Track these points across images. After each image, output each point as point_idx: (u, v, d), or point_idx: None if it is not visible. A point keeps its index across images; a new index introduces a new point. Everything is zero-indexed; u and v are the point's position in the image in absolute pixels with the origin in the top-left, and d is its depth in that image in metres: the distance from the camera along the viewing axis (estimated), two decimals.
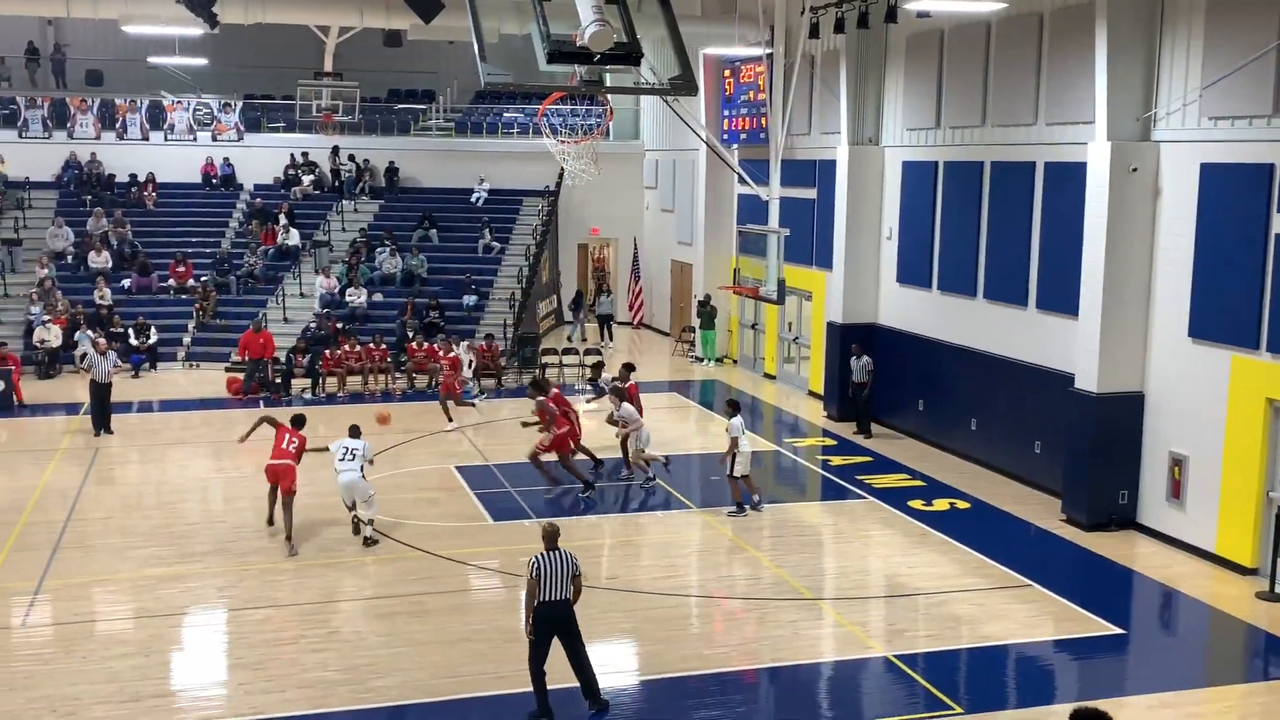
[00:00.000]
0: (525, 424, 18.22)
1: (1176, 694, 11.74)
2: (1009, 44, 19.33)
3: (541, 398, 18.27)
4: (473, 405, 23.83)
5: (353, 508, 15.92)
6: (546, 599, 10.66)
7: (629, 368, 20.47)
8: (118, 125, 33.57)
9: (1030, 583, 14.66)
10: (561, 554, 10.81)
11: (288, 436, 16.04)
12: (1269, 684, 12.26)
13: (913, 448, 21.56)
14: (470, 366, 25.08)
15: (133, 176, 33.08)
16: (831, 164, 24.13)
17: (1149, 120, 16.35)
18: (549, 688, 10.89)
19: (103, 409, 21.94)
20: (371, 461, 16.26)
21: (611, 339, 32.85)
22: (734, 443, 17.12)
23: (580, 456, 18.73)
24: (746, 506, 17.38)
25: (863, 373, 22.27)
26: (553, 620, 10.73)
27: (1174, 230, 16.04)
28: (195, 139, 34.02)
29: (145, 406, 24.58)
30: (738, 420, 17.22)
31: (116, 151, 33.45)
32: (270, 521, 16.28)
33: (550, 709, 10.86)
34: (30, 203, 32.10)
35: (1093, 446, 16.74)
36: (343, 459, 15.79)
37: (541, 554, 10.79)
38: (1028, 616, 13.67)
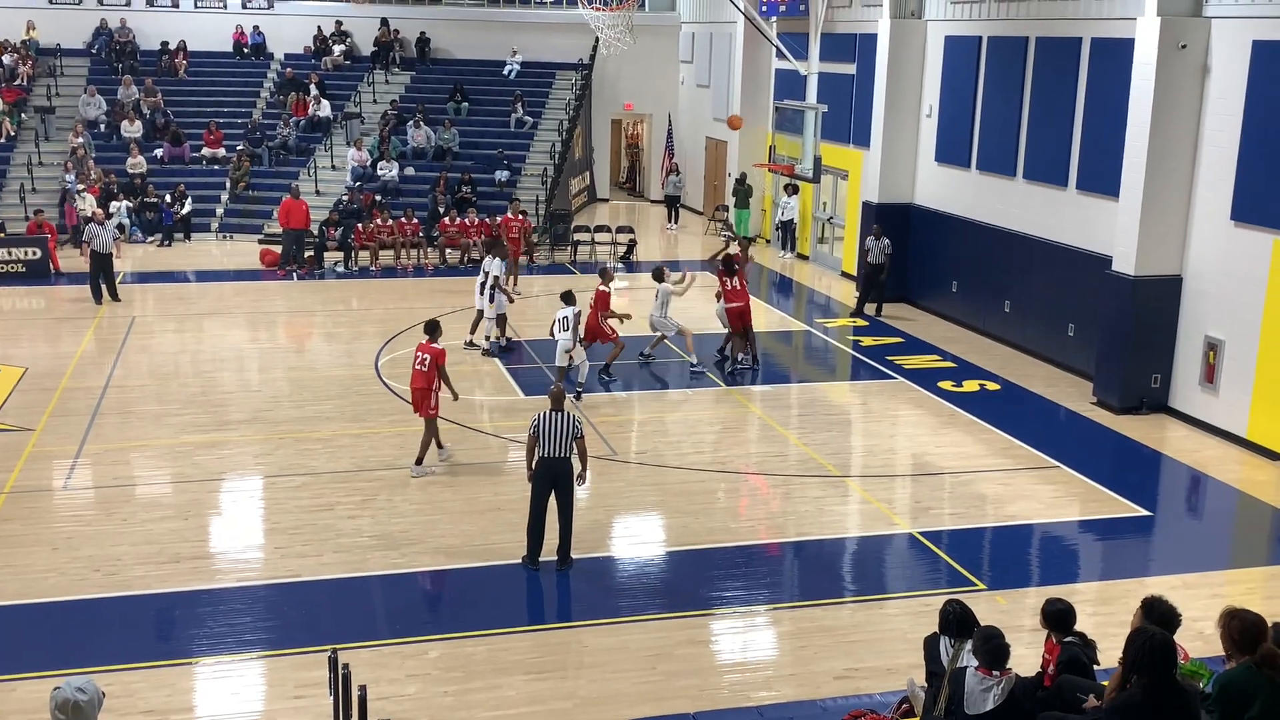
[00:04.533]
0: None
1: (1200, 575, 11.82)
2: None
3: None
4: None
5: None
6: (544, 454, 11.32)
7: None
8: None
9: (1057, 464, 14.70)
10: (564, 415, 11.39)
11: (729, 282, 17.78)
12: None
13: (945, 329, 21.46)
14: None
15: (164, 44, 32.74)
16: (872, 38, 23.57)
17: None
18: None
19: (104, 278, 21.94)
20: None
21: (677, 221, 32.62)
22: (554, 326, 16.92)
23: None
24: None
25: (881, 254, 22.01)
26: (548, 474, 11.37)
27: (1221, 110, 15.64)
28: (225, 5, 33.61)
29: (180, 277, 24.73)
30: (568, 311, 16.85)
31: (147, 19, 33.08)
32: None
33: (537, 559, 11.53)
34: (62, 70, 31.91)
35: (1128, 329, 16.61)
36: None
37: (544, 413, 11.41)
38: (1054, 497, 13.74)
